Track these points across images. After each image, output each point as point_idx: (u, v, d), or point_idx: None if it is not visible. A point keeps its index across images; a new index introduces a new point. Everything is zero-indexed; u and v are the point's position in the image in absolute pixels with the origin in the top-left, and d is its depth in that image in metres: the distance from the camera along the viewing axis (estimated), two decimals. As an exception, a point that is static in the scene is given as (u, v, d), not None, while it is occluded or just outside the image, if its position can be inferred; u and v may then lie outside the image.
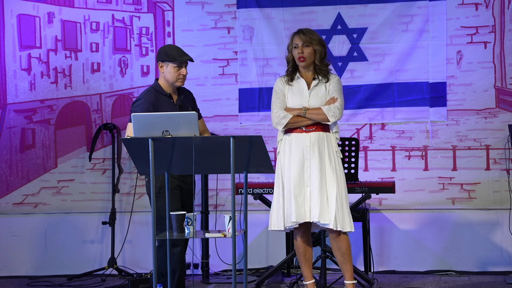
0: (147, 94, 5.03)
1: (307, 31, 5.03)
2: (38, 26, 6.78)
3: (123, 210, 6.75)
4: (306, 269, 5.08)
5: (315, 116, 4.96)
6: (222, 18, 6.71)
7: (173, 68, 4.99)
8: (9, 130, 6.80)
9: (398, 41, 6.54)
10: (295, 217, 4.88)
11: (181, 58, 4.99)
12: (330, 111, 4.94)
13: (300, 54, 4.99)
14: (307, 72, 5.06)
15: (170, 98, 5.05)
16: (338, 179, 4.93)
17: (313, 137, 4.96)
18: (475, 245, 6.46)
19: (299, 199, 4.90)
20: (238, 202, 6.06)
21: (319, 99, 5.00)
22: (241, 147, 4.35)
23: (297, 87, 5.04)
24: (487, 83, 6.47)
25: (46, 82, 6.81)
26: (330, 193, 4.90)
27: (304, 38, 4.98)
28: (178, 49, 5.04)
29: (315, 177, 4.90)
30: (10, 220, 6.81)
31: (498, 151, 6.45)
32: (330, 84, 5.02)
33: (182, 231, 4.46)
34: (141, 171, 4.57)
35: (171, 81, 5.03)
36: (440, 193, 6.51)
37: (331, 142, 4.99)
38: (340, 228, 4.88)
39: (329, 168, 4.92)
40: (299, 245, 5.06)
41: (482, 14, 6.46)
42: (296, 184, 4.91)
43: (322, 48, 5.02)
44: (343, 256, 4.99)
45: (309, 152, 4.93)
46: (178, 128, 4.37)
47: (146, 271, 6.51)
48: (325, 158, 4.94)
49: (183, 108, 5.04)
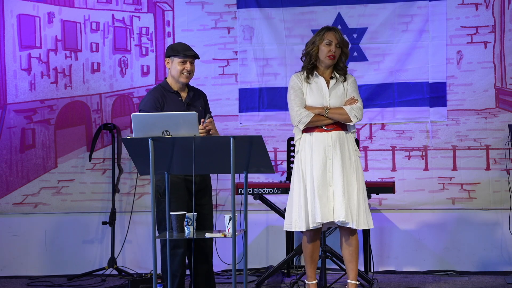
0: (153, 92, 5.05)
1: (339, 31, 5.03)
2: (38, 26, 6.78)
3: (123, 210, 6.75)
4: (310, 269, 5.08)
5: (337, 116, 4.95)
6: (222, 18, 6.71)
7: (178, 63, 5.01)
8: (9, 130, 6.80)
9: (398, 41, 6.54)
10: (320, 217, 4.86)
11: (185, 52, 5.01)
12: (353, 112, 4.94)
13: (332, 53, 4.97)
14: (326, 70, 5.04)
15: (178, 96, 5.04)
16: (358, 178, 4.94)
17: (334, 136, 4.95)
18: (475, 245, 6.46)
19: (323, 199, 4.88)
20: (238, 202, 6.06)
21: (338, 99, 4.99)
22: (241, 147, 4.35)
23: (315, 86, 5.01)
24: (487, 83, 6.47)
25: (46, 82, 6.81)
26: (352, 192, 4.90)
27: (339, 39, 4.98)
28: (183, 45, 5.08)
29: (338, 177, 4.89)
30: (10, 220, 6.81)
31: (498, 151, 6.45)
32: (348, 84, 5.02)
33: (182, 231, 4.46)
34: (141, 171, 4.57)
35: (176, 77, 5.03)
36: (440, 193, 6.51)
37: (351, 142, 4.99)
38: (361, 227, 4.89)
39: (350, 167, 4.93)
40: (307, 245, 5.04)
41: (482, 14, 6.46)
42: (320, 184, 4.89)
43: (348, 51, 5.04)
44: (351, 254, 4.99)
45: (331, 152, 4.92)
46: (178, 128, 4.36)
47: (146, 271, 6.51)
48: (346, 157, 4.93)
49: (191, 106, 5.03)
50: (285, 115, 6.64)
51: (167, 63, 5.07)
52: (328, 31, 5.01)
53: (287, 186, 5.76)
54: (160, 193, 4.92)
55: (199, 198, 4.97)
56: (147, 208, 6.66)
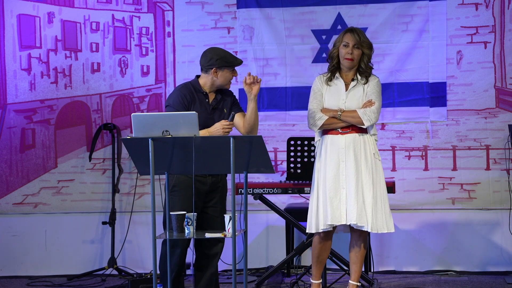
0: (182, 89, 4.95)
1: (360, 32, 4.96)
2: (38, 26, 6.78)
3: (123, 210, 6.75)
4: (316, 270, 5.07)
5: (350, 119, 4.92)
6: (222, 18, 6.71)
7: (229, 72, 4.93)
8: (9, 130, 6.80)
9: (398, 41, 6.54)
10: (330, 219, 4.85)
11: (238, 61, 4.94)
12: (365, 115, 4.89)
13: (349, 55, 4.93)
14: (348, 72, 5.00)
15: (206, 97, 4.98)
16: (375, 181, 4.89)
17: (348, 139, 4.92)
18: (475, 245, 6.46)
19: (334, 202, 4.86)
20: (238, 202, 6.06)
21: (355, 101, 4.94)
22: (241, 147, 4.35)
23: (335, 88, 4.99)
24: (487, 83, 6.47)
25: (46, 82, 6.81)
26: (366, 195, 4.87)
27: (357, 39, 4.91)
28: (229, 53, 4.98)
29: (351, 180, 4.87)
30: (10, 220, 6.81)
31: (498, 151, 6.45)
32: (369, 86, 4.96)
33: (182, 231, 4.46)
34: (141, 171, 4.57)
35: (224, 85, 4.95)
36: (440, 193, 6.51)
37: (369, 144, 4.94)
38: (375, 231, 4.87)
39: (365, 171, 4.89)
40: (316, 246, 5.02)
41: (482, 14, 6.46)
42: (332, 186, 4.88)
43: (370, 52, 4.96)
44: (357, 257, 4.98)
45: (344, 154, 4.90)
46: (178, 128, 4.36)
47: (146, 271, 6.51)
48: (361, 160, 4.89)
49: (216, 110, 4.97)
50: (285, 115, 6.64)
51: (215, 72, 4.92)
52: (346, 32, 4.96)
53: (287, 186, 5.77)
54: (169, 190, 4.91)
55: (209, 199, 4.96)
56: (147, 208, 6.66)
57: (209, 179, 4.91)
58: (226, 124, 4.81)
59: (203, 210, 4.91)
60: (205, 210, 4.92)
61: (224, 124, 4.81)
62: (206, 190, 4.91)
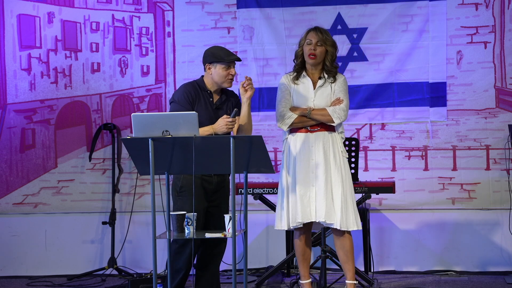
0: (188, 86, 4.98)
1: (323, 30, 5.02)
2: (38, 26, 6.78)
3: (123, 210, 6.75)
4: (303, 269, 5.09)
5: (319, 117, 4.95)
6: (222, 18, 6.71)
7: (222, 68, 4.93)
8: (9, 130, 6.80)
9: (398, 41, 6.54)
10: (301, 217, 4.89)
11: (229, 58, 4.94)
12: (335, 113, 4.93)
13: (311, 51, 4.97)
14: (314, 70, 5.04)
15: (210, 96, 4.99)
16: (343, 178, 4.92)
17: (317, 137, 4.96)
18: (475, 245, 6.46)
19: (304, 199, 4.90)
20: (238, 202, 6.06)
21: (324, 99, 4.99)
22: (241, 147, 4.35)
23: (302, 86, 5.02)
24: (487, 83, 6.47)
25: (46, 82, 6.81)
26: (335, 193, 4.89)
27: (319, 37, 4.97)
28: (224, 50, 4.99)
29: (320, 177, 4.90)
30: (10, 220, 6.81)
31: (498, 151, 6.45)
32: (336, 84, 5.01)
33: (182, 231, 4.46)
34: (141, 171, 4.57)
35: (220, 82, 4.96)
36: (440, 193, 6.51)
37: (336, 142, 4.98)
38: (345, 228, 4.89)
39: (334, 168, 4.92)
40: (298, 244, 5.06)
41: (482, 14, 6.46)
42: (302, 184, 4.91)
43: (334, 50, 5.01)
44: (346, 255, 4.99)
45: (313, 152, 4.93)
46: (178, 128, 4.36)
47: (146, 271, 6.51)
48: (330, 158, 4.93)
49: (220, 110, 4.98)
50: (285, 115, 6.63)
51: (208, 68, 4.97)
52: (310, 31, 5.03)
53: (287, 186, 5.77)
54: (177, 191, 4.92)
55: (215, 199, 4.97)
56: (147, 208, 6.66)
57: (215, 178, 4.94)
58: (229, 120, 4.82)
59: (208, 210, 4.94)
60: (210, 209, 4.95)
61: (227, 120, 4.82)
62: (212, 190, 4.93)
